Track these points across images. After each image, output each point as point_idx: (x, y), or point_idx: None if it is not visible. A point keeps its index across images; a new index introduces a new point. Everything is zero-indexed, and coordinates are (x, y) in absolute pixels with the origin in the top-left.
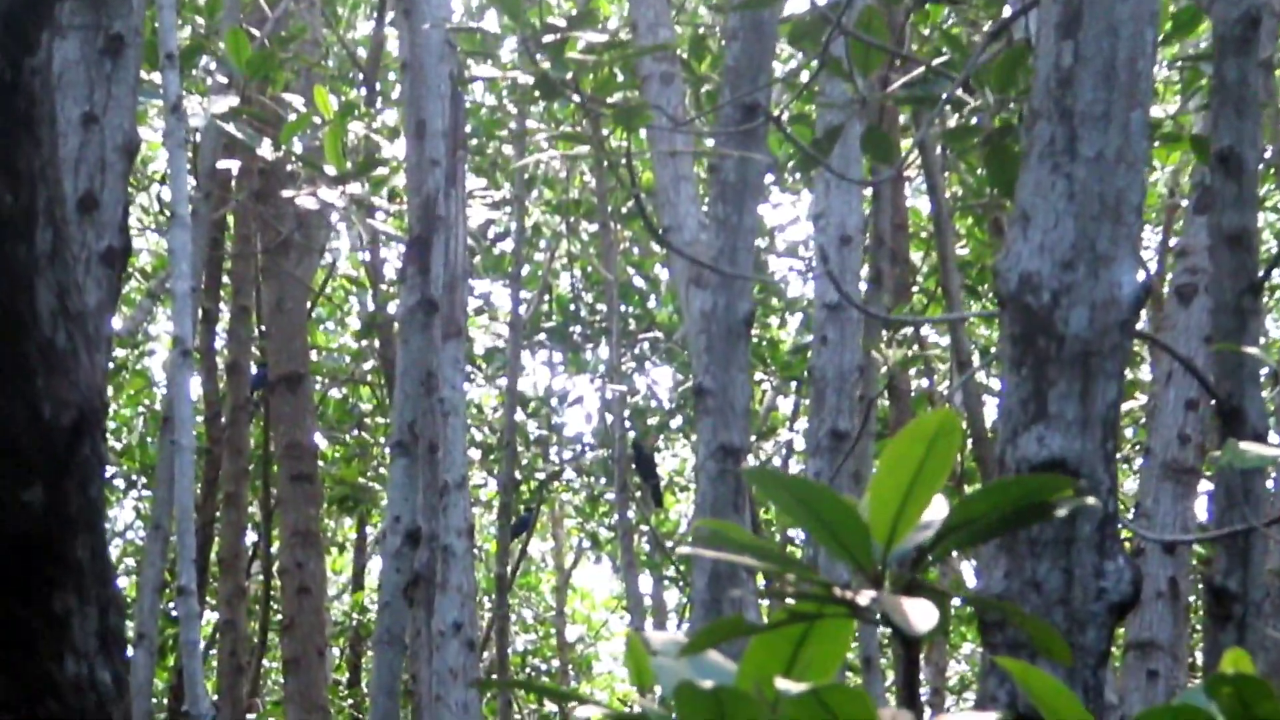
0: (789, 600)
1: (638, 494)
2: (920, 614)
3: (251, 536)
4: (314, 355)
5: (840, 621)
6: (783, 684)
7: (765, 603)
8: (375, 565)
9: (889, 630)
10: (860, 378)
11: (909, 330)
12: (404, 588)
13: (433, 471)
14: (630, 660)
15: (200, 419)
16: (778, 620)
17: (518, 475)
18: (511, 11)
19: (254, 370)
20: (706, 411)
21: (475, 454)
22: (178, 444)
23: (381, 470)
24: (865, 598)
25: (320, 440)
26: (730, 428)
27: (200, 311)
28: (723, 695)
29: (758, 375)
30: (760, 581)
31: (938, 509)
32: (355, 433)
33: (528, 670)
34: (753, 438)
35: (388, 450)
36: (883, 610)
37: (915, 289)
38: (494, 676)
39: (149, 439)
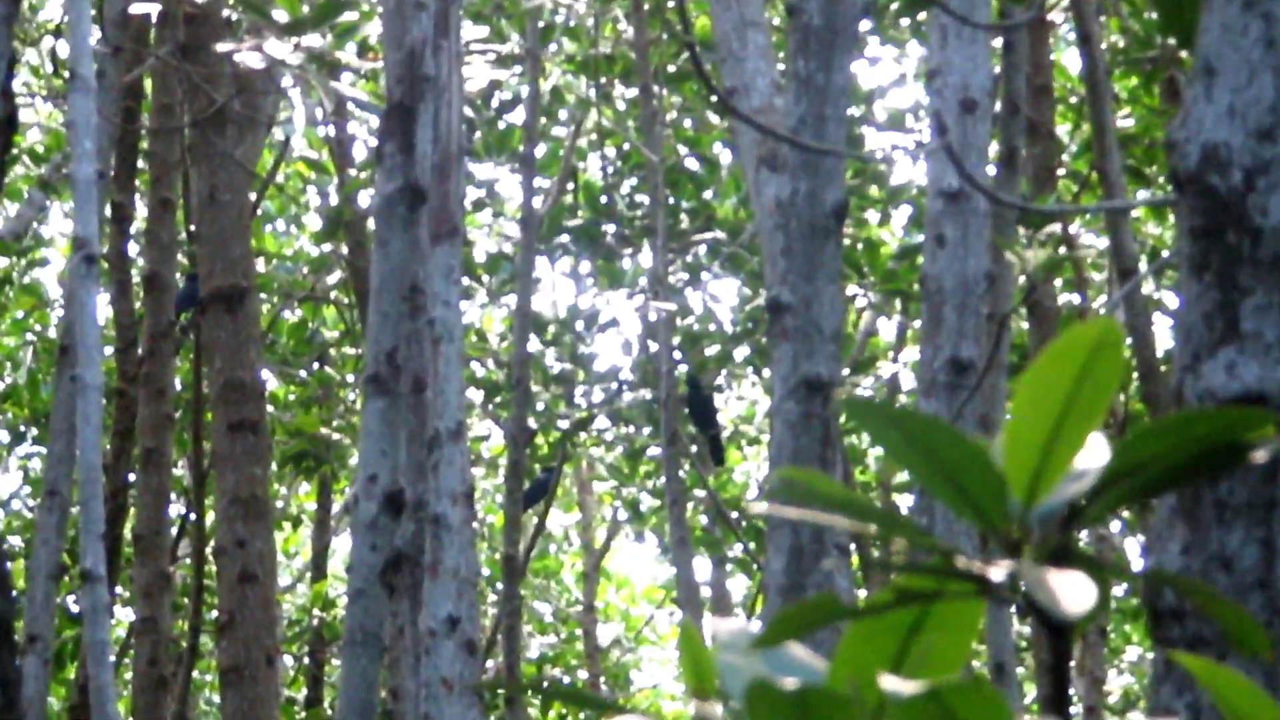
0: (896, 576)
1: (692, 448)
2: (1072, 590)
3: (179, 507)
4: (260, 265)
5: (965, 604)
6: (890, 683)
7: (863, 594)
8: (343, 544)
9: (1029, 626)
10: (989, 290)
11: (1054, 227)
12: (381, 571)
13: (419, 417)
14: (685, 657)
15: (110, 350)
16: (881, 601)
17: (532, 424)
18: None
19: (181, 285)
20: (784, 336)
21: (476, 395)
22: (80, 382)
23: (352, 419)
24: (999, 570)
25: (269, 378)
26: (815, 357)
27: (109, 206)
28: (810, 698)
29: (851, 288)
30: (857, 560)
31: (1095, 452)
32: (316, 367)
33: (545, 683)
34: (845, 371)
35: (359, 390)
36: (1022, 586)
37: (1062, 172)
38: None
39: (42, 377)
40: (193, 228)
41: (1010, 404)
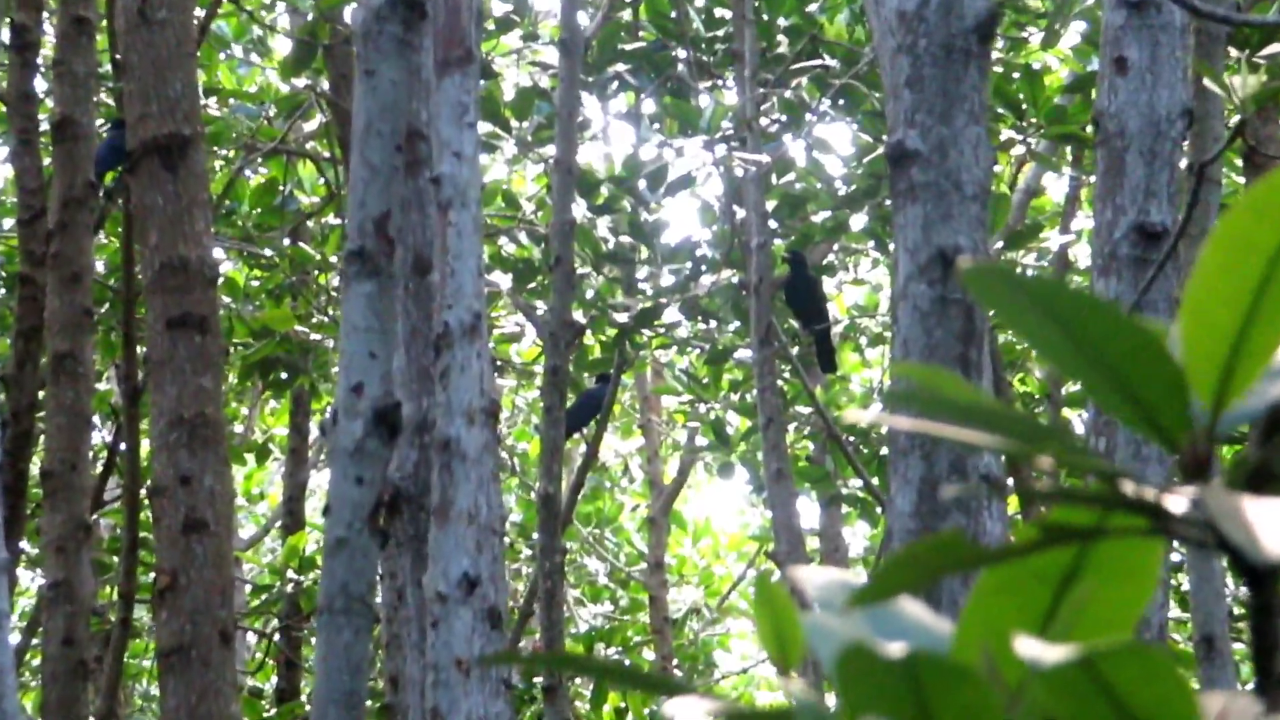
0: (1046, 509)
1: (793, 349)
2: (1276, 523)
3: (104, 434)
4: (212, 107)
5: (1136, 544)
6: (1029, 647)
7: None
8: (325, 482)
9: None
10: (1187, 132)
11: (1275, 47)
12: (371, 514)
13: (422, 308)
14: (763, 618)
15: (8, 223)
16: (1025, 542)
17: (579, 317)
18: None
19: (104, 135)
20: (912, 193)
21: (502, 279)
22: None
23: (337, 313)
24: (1178, 497)
25: (224, 259)
26: (952, 222)
27: (5, 29)
28: (923, 669)
29: (1003, 132)
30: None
31: None
32: (287, 244)
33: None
34: (996, 243)
35: (341, 272)
36: (1210, 518)
37: None
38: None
39: None
40: (118, 57)
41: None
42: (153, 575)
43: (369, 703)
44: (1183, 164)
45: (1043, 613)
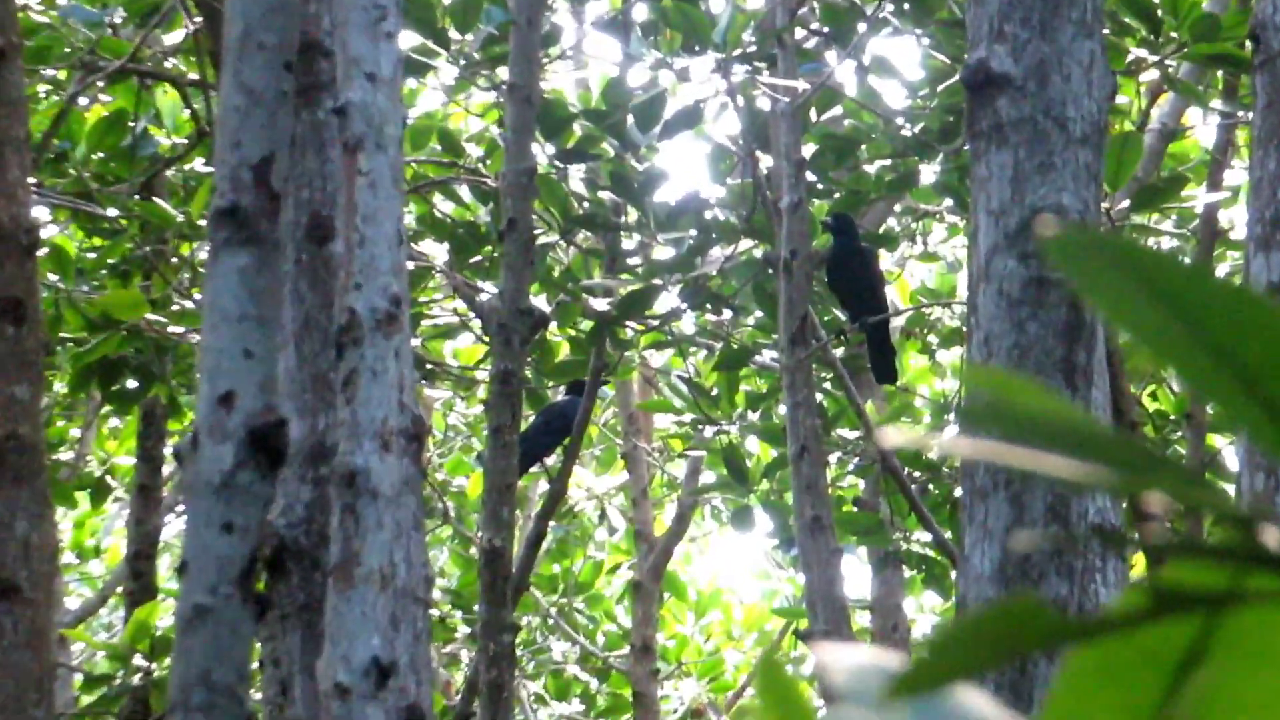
0: (1157, 564)
1: (837, 350)
2: None
3: None
4: (35, 8)
5: None
6: None
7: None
8: (177, 527)
9: None
10: None
11: None
12: (243, 574)
13: (320, 290)
14: (769, 714)
15: None
16: (1130, 610)
17: (542, 304)
18: None
19: None
20: (999, 134)
21: (436, 250)
22: None
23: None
24: None
25: (47, 219)
26: (1056, 172)
27: None
28: None
29: (1131, 51)
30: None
31: None
32: (138, 199)
33: None
34: (1118, 203)
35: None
36: None
37: None
38: None
39: None
40: None
41: None
42: None
43: None
44: None
45: (1153, 708)
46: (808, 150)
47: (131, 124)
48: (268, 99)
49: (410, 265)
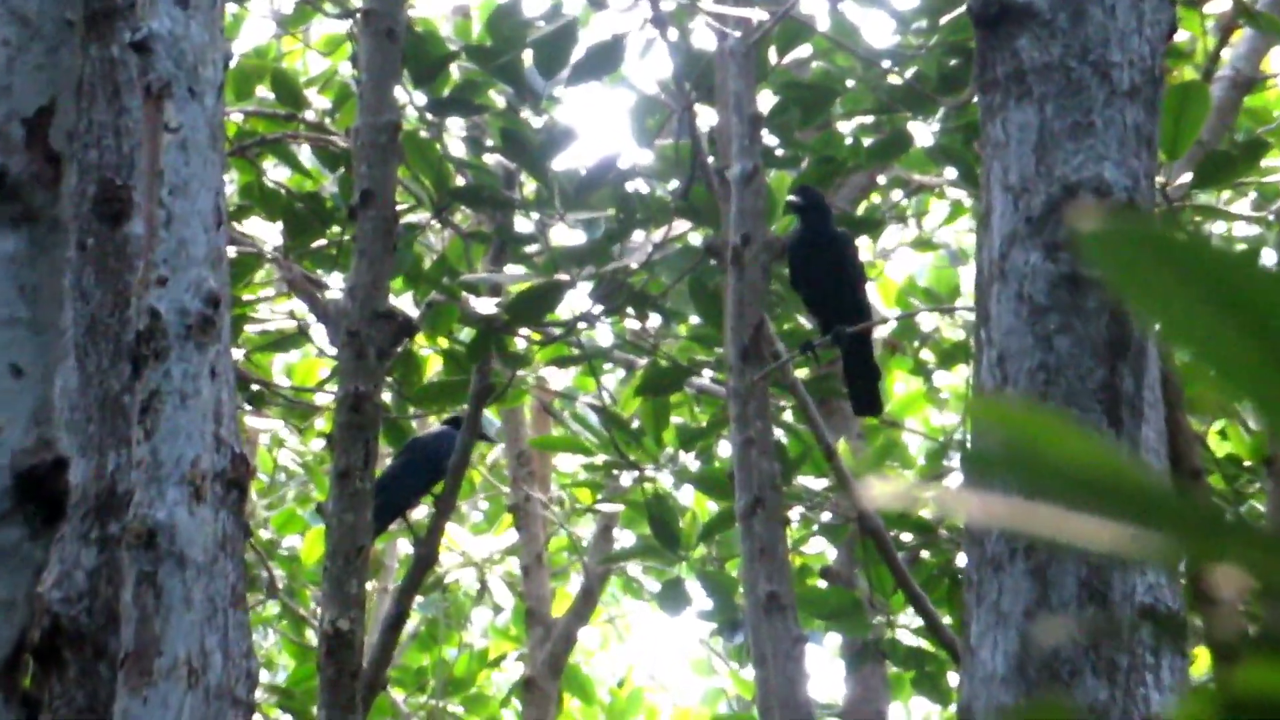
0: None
1: (798, 370)
2: None
3: None
4: None
5: None
6: None
7: None
8: None
9: None
10: None
11: None
12: (3, 667)
13: (111, 282)
14: None
15: None
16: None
17: (407, 306)
18: None
19: None
20: (1019, 83)
21: (265, 231)
22: None
23: None
24: None
25: None
26: (1094, 135)
27: None
28: None
29: None
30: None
31: None
32: None
33: None
34: (1178, 177)
35: None
36: None
37: None
38: None
39: None
40: None
41: None
42: None
43: None
44: None
45: None
46: (764, 103)
47: None
48: (46, 31)
49: (232, 252)
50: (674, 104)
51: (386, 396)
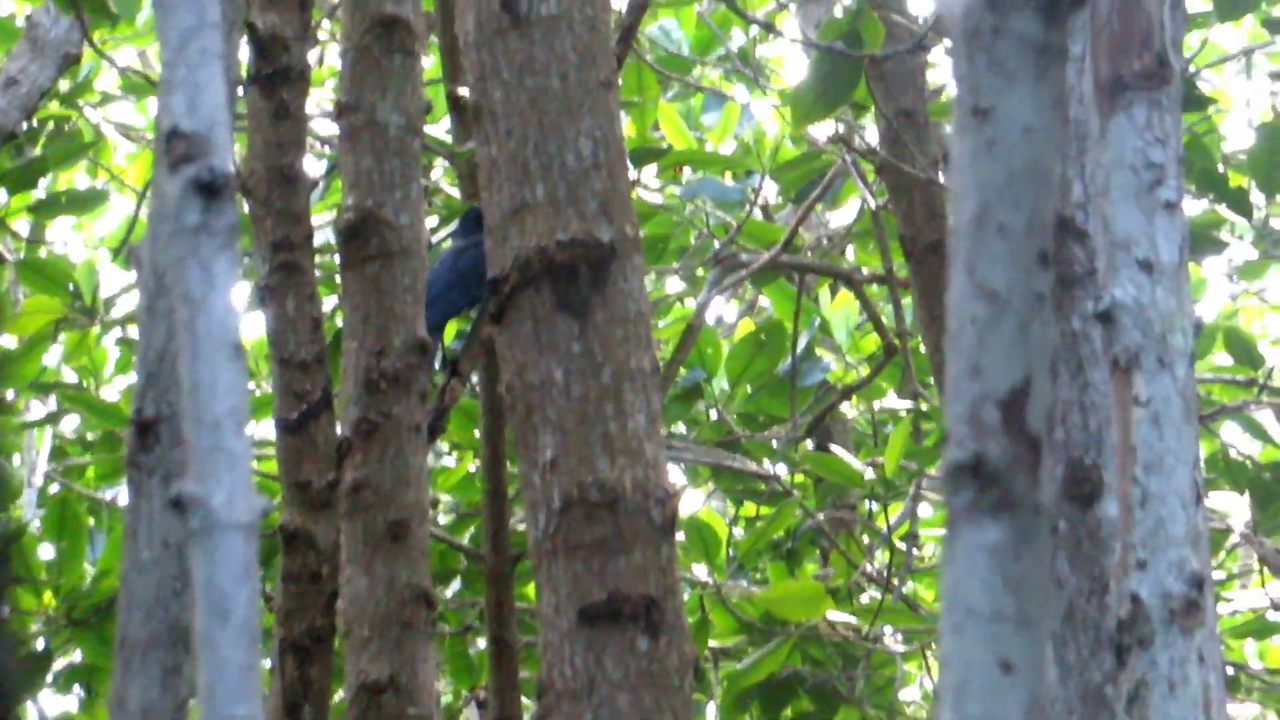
0: None
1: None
2: None
3: None
4: None
5: None
6: None
7: None
8: None
9: None
10: None
11: None
12: None
13: (1081, 554)
14: None
15: None
16: None
17: None
18: None
19: None
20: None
21: (1236, 508)
22: None
23: None
24: None
25: (678, 482)
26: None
27: None
28: None
29: None
30: None
31: None
32: (812, 449)
33: None
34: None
35: None
36: None
37: None
38: None
39: None
40: None
41: None
42: None
43: None
44: None
45: None
46: None
47: (790, 340)
48: (1015, 305)
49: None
50: None
51: None
